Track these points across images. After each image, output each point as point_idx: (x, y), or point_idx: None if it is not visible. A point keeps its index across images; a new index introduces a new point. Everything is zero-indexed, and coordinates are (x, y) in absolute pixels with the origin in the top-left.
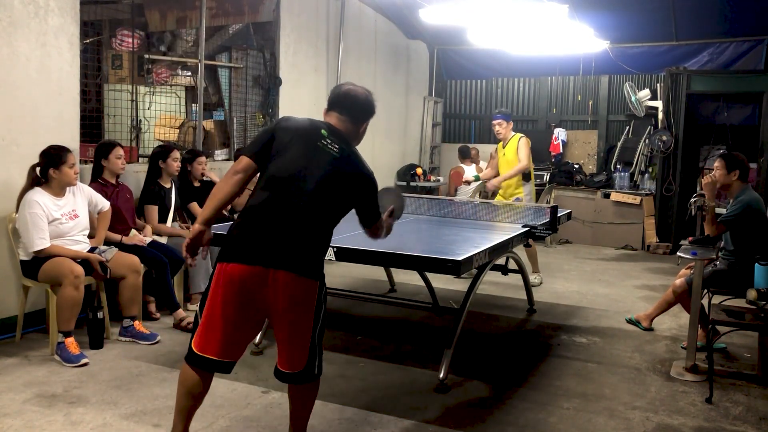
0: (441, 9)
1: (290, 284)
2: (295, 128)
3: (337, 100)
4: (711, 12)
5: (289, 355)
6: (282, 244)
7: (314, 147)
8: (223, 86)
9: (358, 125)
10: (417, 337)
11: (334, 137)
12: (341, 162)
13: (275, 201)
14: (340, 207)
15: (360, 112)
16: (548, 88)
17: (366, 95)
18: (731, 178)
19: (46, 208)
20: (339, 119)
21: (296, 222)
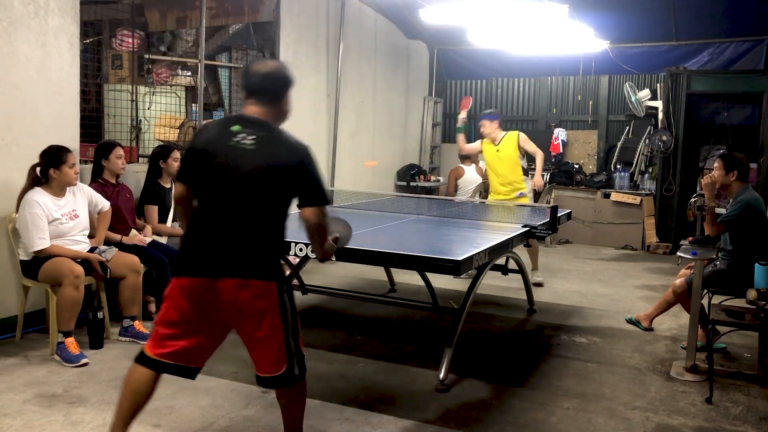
0: (441, 9)
1: (242, 290)
2: (207, 137)
3: (246, 85)
4: (711, 12)
5: (262, 360)
6: (224, 252)
7: (228, 148)
8: (223, 86)
9: (276, 102)
10: (417, 337)
11: (247, 129)
12: (260, 152)
13: (210, 211)
14: (279, 198)
15: (271, 89)
16: (548, 88)
17: (272, 68)
18: (729, 179)
19: (46, 208)
20: (253, 104)
21: (234, 227)
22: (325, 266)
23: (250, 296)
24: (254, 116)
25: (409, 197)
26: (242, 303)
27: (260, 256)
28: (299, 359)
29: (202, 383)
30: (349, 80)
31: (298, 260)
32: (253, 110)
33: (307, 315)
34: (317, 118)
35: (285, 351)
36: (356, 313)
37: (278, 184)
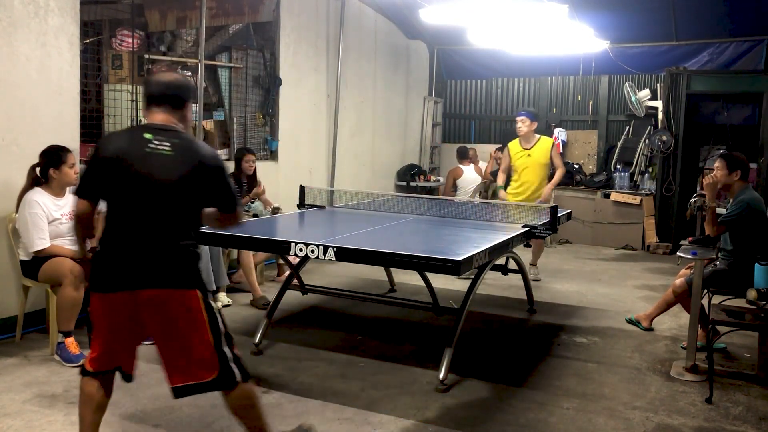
0: (441, 9)
1: (164, 300)
2: (118, 146)
3: (149, 94)
4: (711, 12)
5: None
6: (145, 262)
7: (146, 155)
8: (223, 86)
9: (181, 110)
10: (417, 337)
11: (160, 136)
12: (180, 159)
13: (126, 222)
14: (196, 204)
15: (175, 96)
16: (548, 88)
17: (174, 77)
18: (733, 179)
19: (46, 208)
20: (158, 112)
21: (154, 235)
22: (325, 266)
23: (173, 306)
24: (163, 123)
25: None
26: (165, 313)
27: (182, 264)
28: (236, 362)
29: None
30: (349, 80)
31: (298, 260)
32: (160, 118)
33: (307, 315)
34: (317, 118)
35: (217, 356)
36: (356, 313)
37: (198, 190)
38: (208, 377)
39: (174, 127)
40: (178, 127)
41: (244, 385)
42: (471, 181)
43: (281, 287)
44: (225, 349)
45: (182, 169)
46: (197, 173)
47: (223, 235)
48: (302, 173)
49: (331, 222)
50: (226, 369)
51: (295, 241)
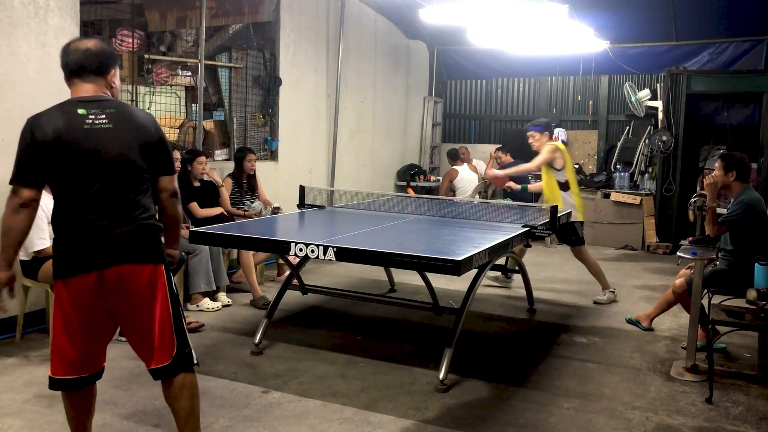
0: (441, 9)
1: (128, 276)
2: (55, 128)
3: (68, 66)
4: (711, 12)
5: (149, 349)
6: (104, 242)
7: (87, 132)
8: (223, 86)
9: (105, 76)
10: (417, 337)
11: (93, 108)
12: (121, 129)
13: (80, 202)
14: (144, 173)
15: (95, 63)
16: (548, 88)
17: (91, 44)
18: (729, 179)
19: (46, 207)
20: (82, 82)
21: (112, 212)
22: (325, 266)
23: (140, 281)
24: (91, 95)
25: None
26: (129, 289)
27: (144, 239)
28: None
29: (202, 383)
30: (349, 80)
31: (298, 260)
32: (85, 89)
33: (307, 315)
34: (317, 118)
35: (176, 336)
36: (356, 313)
37: (144, 157)
38: (166, 360)
39: (104, 97)
40: (107, 95)
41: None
42: (468, 180)
43: (281, 287)
44: (184, 329)
45: (125, 139)
46: (140, 140)
47: (224, 235)
48: (302, 173)
49: (331, 222)
50: (183, 350)
51: (295, 241)
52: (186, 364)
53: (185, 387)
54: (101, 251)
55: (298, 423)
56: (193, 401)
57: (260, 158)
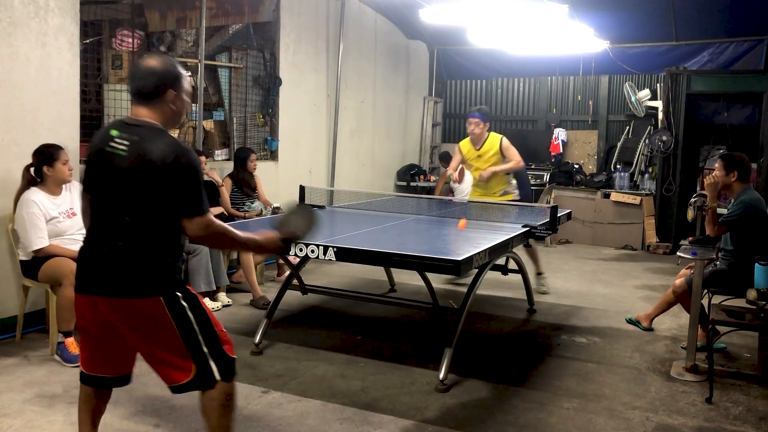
0: (441, 9)
1: (118, 308)
2: (93, 143)
3: (130, 91)
4: (711, 12)
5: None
6: (99, 268)
7: (103, 154)
8: (223, 86)
9: (156, 101)
10: (417, 337)
11: (127, 132)
12: (131, 156)
13: (90, 225)
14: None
15: (148, 86)
16: (548, 88)
17: (147, 64)
18: (730, 179)
19: (44, 207)
20: (136, 106)
21: (106, 240)
22: (325, 266)
23: (130, 315)
24: (137, 119)
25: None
26: (128, 321)
27: (134, 273)
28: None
29: None
30: (349, 80)
31: (298, 260)
32: (137, 112)
33: (307, 315)
34: (317, 118)
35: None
36: (356, 313)
37: (147, 188)
38: (183, 379)
39: (145, 123)
40: (150, 121)
41: (224, 385)
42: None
43: (281, 287)
44: (203, 349)
45: (130, 165)
46: (146, 171)
47: None
48: (302, 173)
49: (331, 222)
50: (203, 369)
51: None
52: (205, 382)
53: (213, 401)
54: (93, 278)
55: (298, 423)
56: (221, 418)
57: (260, 158)
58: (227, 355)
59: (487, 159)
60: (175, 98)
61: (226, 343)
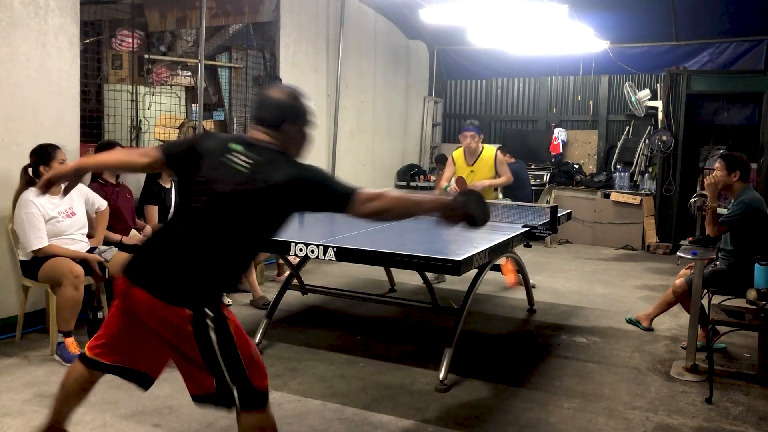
0: (441, 9)
1: (147, 304)
2: (208, 145)
3: (251, 112)
4: (711, 12)
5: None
6: (150, 262)
7: (218, 163)
8: (223, 86)
9: (280, 131)
10: (417, 337)
11: (249, 150)
12: (249, 177)
13: (173, 219)
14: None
15: (272, 116)
16: (548, 88)
17: (274, 93)
18: (732, 179)
19: (42, 207)
20: (256, 129)
21: (177, 243)
22: (325, 266)
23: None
24: (260, 140)
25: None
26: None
27: (179, 277)
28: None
29: None
30: (349, 80)
31: (298, 260)
32: (257, 135)
33: (307, 315)
34: (317, 118)
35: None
36: (356, 313)
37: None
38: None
39: (269, 146)
40: (273, 146)
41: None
42: None
43: (281, 287)
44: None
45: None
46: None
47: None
48: None
49: (331, 222)
50: (223, 389)
51: (295, 241)
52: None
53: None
54: (136, 266)
55: (298, 423)
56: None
57: None
58: (250, 384)
59: (481, 176)
60: (296, 132)
61: (255, 370)
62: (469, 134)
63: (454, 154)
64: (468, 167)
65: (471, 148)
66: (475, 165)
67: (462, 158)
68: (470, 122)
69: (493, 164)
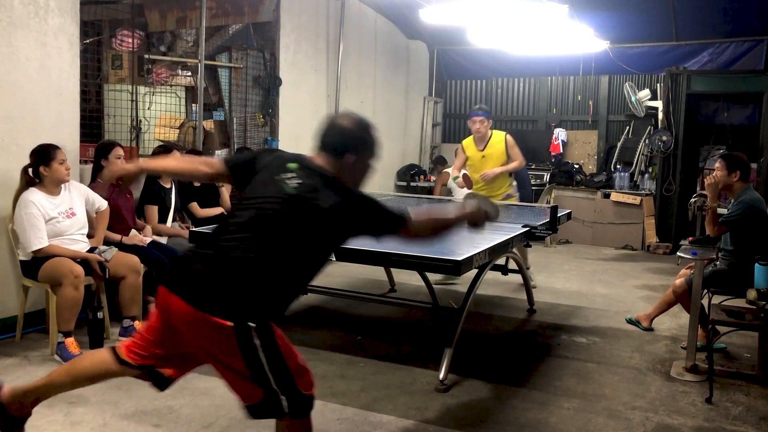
0: (441, 9)
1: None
2: (267, 161)
3: (319, 133)
4: (711, 12)
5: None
6: (193, 273)
7: (270, 180)
8: (223, 86)
9: (340, 158)
10: (417, 337)
11: (303, 171)
12: (295, 198)
13: (222, 227)
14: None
15: (334, 143)
16: (548, 88)
17: (344, 123)
18: (732, 179)
19: (42, 207)
20: (318, 153)
21: (222, 256)
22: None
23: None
24: (316, 164)
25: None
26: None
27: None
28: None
29: (201, 383)
30: (349, 80)
31: None
32: (317, 160)
33: (307, 315)
34: (317, 118)
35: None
36: (356, 313)
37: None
38: (252, 401)
39: (325, 172)
40: (331, 173)
41: (295, 422)
42: None
43: None
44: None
45: (294, 210)
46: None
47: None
48: None
49: None
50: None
51: None
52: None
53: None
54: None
55: None
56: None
57: None
58: (300, 392)
59: (493, 160)
60: (355, 162)
61: (303, 378)
62: (477, 119)
63: (463, 143)
64: (479, 152)
65: (480, 132)
66: (486, 150)
67: (472, 145)
68: (479, 107)
69: (503, 148)
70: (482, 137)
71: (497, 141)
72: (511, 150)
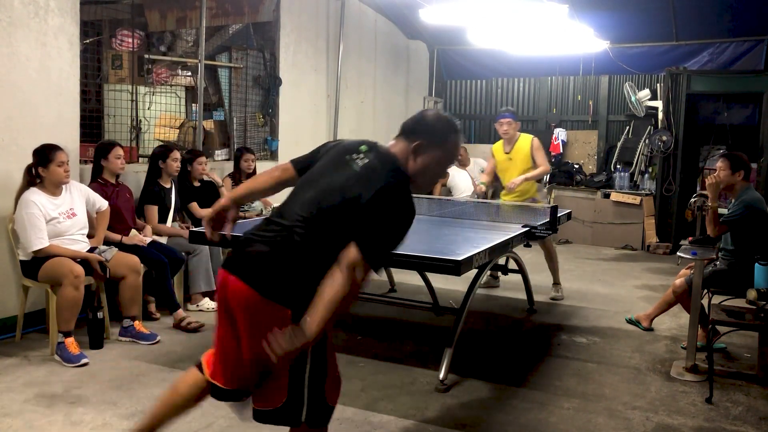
0: (441, 9)
1: (242, 295)
2: (333, 146)
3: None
4: (711, 12)
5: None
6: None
7: (340, 161)
8: (223, 86)
9: (409, 142)
10: (417, 337)
11: (371, 153)
12: (354, 178)
13: (279, 212)
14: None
15: (409, 124)
16: (548, 88)
17: (427, 113)
18: (736, 179)
19: (43, 207)
20: (395, 138)
21: (279, 237)
22: None
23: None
24: (387, 150)
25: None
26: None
27: (286, 274)
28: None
29: None
30: (349, 80)
31: None
32: (391, 144)
33: None
34: (317, 118)
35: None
36: (356, 313)
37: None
38: (267, 407)
39: (391, 156)
40: (396, 156)
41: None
42: (461, 180)
43: None
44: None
45: (347, 185)
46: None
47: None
48: None
49: None
50: (294, 403)
51: None
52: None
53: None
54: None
55: None
56: None
57: (260, 158)
58: (325, 402)
59: (518, 163)
60: (421, 151)
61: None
62: (505, 121)
63: (492, 148)
64: (505, 155)
65: (508, 134)
66: (512, 152)
67: (500, 148)
68: (506, 108)
69: (528, 151)
70: (510, 139)
71: (523, 143)
72: (535, 153)
